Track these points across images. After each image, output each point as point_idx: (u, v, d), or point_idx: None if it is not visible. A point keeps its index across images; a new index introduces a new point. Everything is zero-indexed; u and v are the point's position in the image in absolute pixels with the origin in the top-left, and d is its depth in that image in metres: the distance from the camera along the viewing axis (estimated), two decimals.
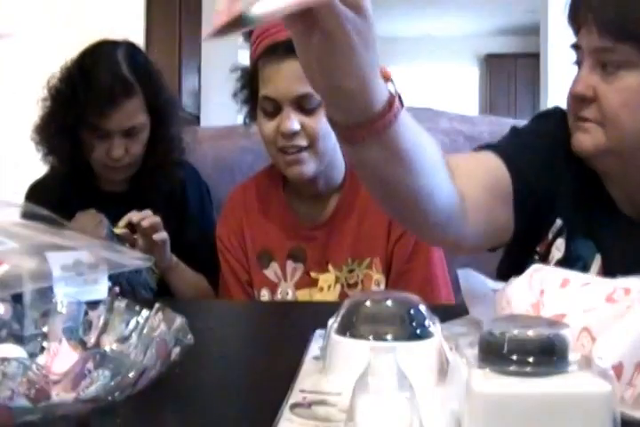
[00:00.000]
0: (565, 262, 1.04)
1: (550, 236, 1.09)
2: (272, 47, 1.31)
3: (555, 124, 1.11)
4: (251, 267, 1.44)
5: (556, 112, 1.14)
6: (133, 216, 1.44)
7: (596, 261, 1.06)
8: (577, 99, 1.02)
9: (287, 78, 1.31)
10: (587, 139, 1.02)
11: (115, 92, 1.48)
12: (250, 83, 1.39)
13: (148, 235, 1.43)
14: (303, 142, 1.32)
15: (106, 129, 1.50)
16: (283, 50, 1.29)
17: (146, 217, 1.44)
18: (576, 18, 1.03)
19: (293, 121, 1.31)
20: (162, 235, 1.46)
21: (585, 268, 1.04)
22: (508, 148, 1.08)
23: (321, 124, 1.31)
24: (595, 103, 1.00)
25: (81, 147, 1.55)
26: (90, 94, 1.47)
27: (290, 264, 1.41)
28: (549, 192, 1.07)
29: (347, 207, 1.40)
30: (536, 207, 1.06)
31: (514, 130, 1.15)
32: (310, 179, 1.37)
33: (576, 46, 1.04)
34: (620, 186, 1.08)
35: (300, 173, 1.34)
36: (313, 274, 1.39)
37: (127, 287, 1.45)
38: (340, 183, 1.42)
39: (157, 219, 1.45)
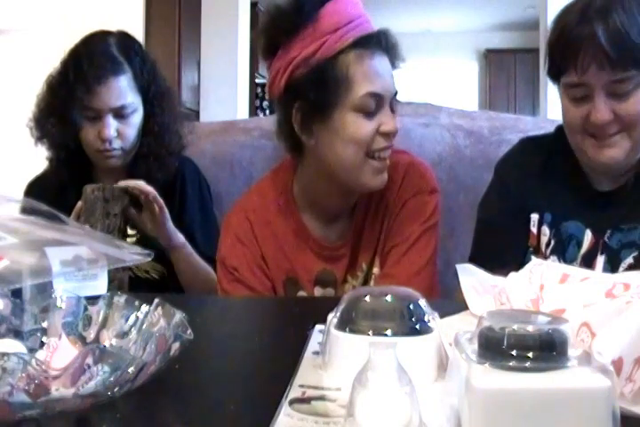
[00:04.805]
0: (560, 243, 1.24)
1: (534, 230, 1.27)
2: (364, 39, 1.21)
3: (522, 161, 1.31)
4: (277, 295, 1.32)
5: (515, 151, 1.35)
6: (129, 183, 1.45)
7: (587, 235, 1.22)
8: (603, 124, 1.13)
9: (388, 73, 1.23)
10: (617, 152, 1.16)
11: (103, 69, 1.49)
12: (327, 80, 1.19)
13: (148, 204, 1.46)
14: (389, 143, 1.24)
15: (95, 107, 1.51)
16: (375, 43, 1.22)
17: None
18: (572, 58, 1.14)
19: None
20: (152, 192, 1.46)
21: (578, 243, 1.22)
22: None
23: None
24: (615, 120, 1.13)
25: (74, 132, 1.55)
26: (79, 72, 1.49)
27: (318, 290, 1.31)
28: (527, 207, 1.28)
29: (362, 220, 1.32)
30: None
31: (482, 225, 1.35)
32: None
33: (577, 84, 1.14)
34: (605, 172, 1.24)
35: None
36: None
37: None
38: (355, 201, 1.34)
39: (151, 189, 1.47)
